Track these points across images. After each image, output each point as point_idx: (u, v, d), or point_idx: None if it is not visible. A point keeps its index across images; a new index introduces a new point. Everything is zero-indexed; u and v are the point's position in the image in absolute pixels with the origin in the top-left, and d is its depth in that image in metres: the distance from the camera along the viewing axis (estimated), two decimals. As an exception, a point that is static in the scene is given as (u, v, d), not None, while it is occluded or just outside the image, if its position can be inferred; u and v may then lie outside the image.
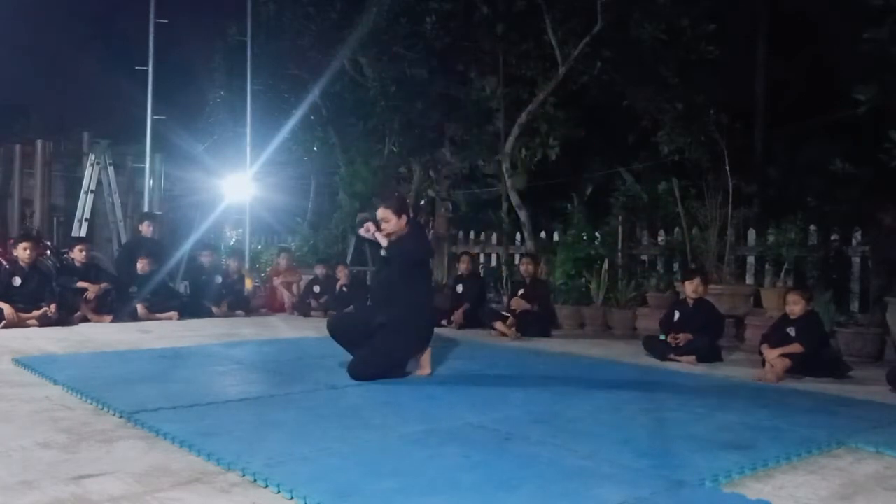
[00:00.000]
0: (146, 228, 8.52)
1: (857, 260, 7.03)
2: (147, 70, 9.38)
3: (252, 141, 10.47)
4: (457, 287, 8.23)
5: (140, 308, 7.68)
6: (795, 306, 5.30)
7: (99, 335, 6.51)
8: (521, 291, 7.52)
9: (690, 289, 6.01)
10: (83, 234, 9.31)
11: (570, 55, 8.61)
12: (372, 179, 10.72)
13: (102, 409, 3.62)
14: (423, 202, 11.31)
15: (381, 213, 4.71)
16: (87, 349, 5.67)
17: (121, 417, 3.46)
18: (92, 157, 9.72)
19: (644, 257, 8.70)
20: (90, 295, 7.52)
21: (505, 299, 8.24)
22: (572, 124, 9.40)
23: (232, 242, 12.54)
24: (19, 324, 6.74)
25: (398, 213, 4.70)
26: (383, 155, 11.14)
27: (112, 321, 7.44)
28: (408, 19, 9.65)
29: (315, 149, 12.53)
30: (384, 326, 4.62)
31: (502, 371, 5.18)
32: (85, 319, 7.38)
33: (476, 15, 9.17)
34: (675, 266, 8.11)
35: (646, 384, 4.71)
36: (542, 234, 9.52)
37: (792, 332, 5.24)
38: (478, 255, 10.33)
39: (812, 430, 3.49)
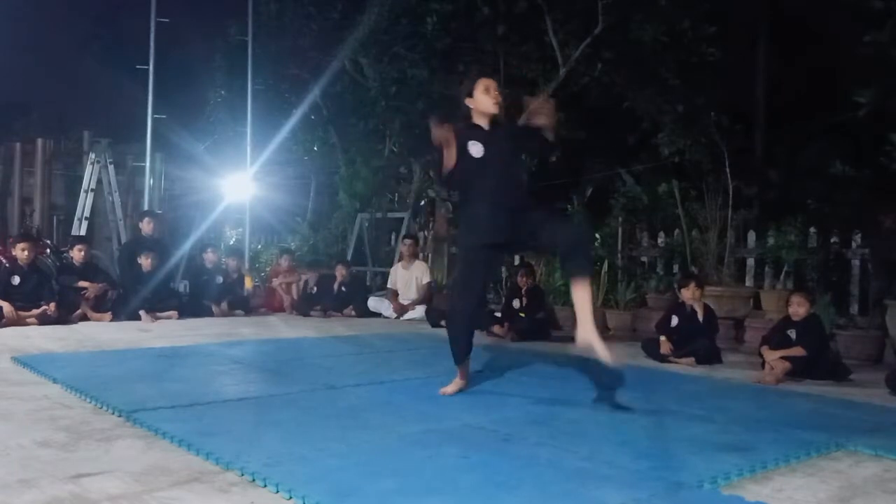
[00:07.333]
0: (147, 226, 8.49)
1: (856, 262, 7.02)
2: (148, 69, 9.35)
3: (252, 140, 10.46)
4: (456, 288, 8.19)
5: (143, 314, 7.58)
6: (800, 308, 5.27)
7: (98, 334, 6.51)
8: (515, 302, 7.41)
9: (687, 295, 5.95)
10: (83, 232, 9.28)
11: (571, 56, 8.61)
12: (372, 179, 10.71)
13: (101, 407, 3.62)
14: (423, 202, 11.30)
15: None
16: (86, 348, 5.66)
17: (119, 416, 3.45)
18: (92, 155, 9.70)
19: (644, 259, 8.69)
20: (89, 294, 7.53)
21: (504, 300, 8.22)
22: (573, 125, 9.39)
23: (232, 242, 12.53)
24: (19, 322, 6.74)
25: None
26: (384, 155, 11.13)
27: (111, 320, 7.44)
28: (409, 20, 9.65)
29: (315, 149, 12.53)
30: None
31: (501, 372, 5.17)
32: (84, 318, 7.38)
33: (477, 16, 9.16)
34: (675, 268, 8.11)
35: (645, 386, 4.70)
36: (542, 236, 9.49)
37: (792, 334, 5.23)
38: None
39: (811, 432, 3.49)
